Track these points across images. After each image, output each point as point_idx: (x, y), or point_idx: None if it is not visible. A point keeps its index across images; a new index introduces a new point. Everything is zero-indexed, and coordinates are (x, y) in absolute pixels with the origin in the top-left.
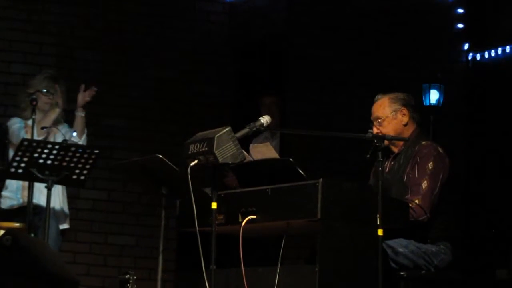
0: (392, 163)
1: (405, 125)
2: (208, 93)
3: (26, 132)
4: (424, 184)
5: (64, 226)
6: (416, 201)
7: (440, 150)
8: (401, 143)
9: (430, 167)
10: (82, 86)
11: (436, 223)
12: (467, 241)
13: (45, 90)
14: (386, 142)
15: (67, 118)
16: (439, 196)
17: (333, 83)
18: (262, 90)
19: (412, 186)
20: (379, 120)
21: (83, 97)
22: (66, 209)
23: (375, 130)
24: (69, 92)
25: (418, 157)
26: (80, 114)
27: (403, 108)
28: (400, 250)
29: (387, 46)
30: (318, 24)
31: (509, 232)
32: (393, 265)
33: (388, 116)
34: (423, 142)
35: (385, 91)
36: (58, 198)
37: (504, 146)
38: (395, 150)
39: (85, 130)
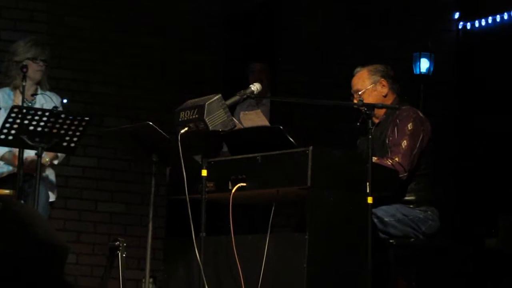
0: (374, 131)
1: (385, 96)
2: (199, 61)
3: (15, 101)
4: (404, 143)
5: (52, 198)
6: (396, 159)
7: (420, 113)
8: (382, 112)
9: (409, 128)
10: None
11: (419, 186)
12: (457, 210)
13: (32, 57)
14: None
15: (57, 85)
16: (418, 157)
17: (322, 52)
18: (252, 56)
19: (392, 146)
20: (359, 93)
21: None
22: (53, 178)
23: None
24: (60, 58)
25: (398, 120)
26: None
27: (382, 79)
28: (387, 219)
29: (377, 15)
30: None
31: (498, 201)
32: (382, 235)
33: (368, 88)
34: (403, 107)
35: (363, 64)
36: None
37: (494, 115)
38: (376, 120)
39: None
